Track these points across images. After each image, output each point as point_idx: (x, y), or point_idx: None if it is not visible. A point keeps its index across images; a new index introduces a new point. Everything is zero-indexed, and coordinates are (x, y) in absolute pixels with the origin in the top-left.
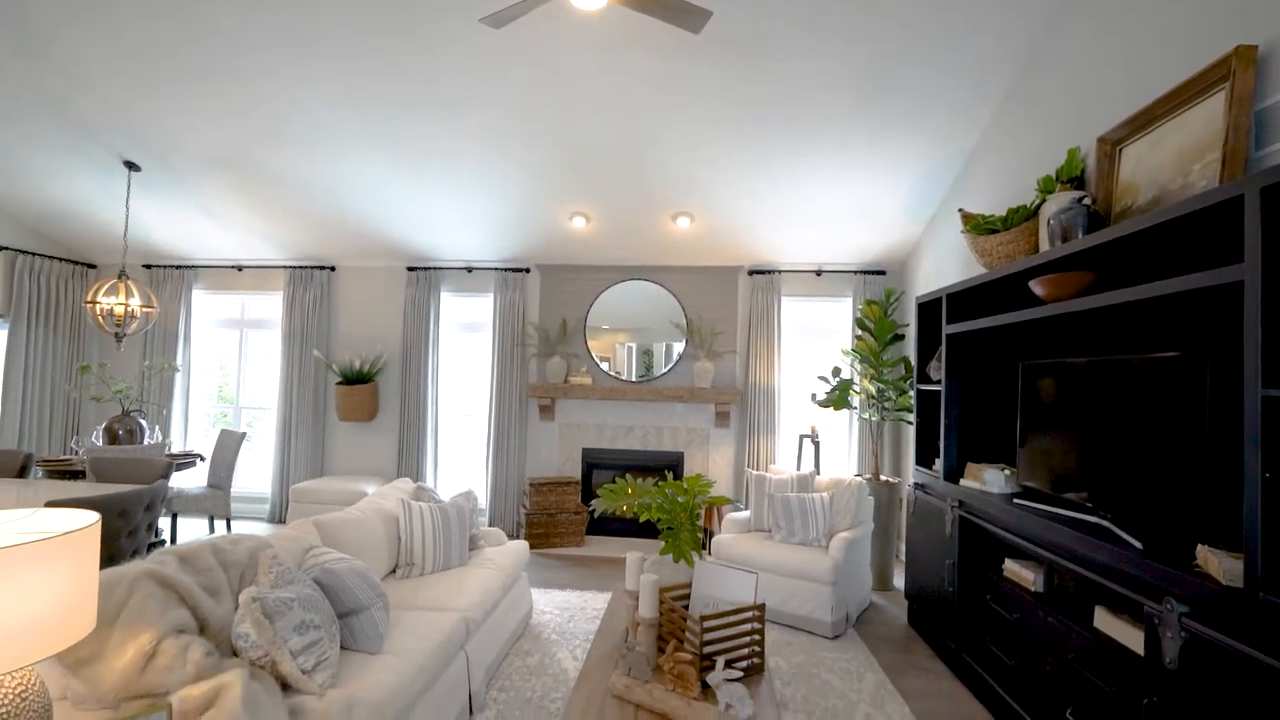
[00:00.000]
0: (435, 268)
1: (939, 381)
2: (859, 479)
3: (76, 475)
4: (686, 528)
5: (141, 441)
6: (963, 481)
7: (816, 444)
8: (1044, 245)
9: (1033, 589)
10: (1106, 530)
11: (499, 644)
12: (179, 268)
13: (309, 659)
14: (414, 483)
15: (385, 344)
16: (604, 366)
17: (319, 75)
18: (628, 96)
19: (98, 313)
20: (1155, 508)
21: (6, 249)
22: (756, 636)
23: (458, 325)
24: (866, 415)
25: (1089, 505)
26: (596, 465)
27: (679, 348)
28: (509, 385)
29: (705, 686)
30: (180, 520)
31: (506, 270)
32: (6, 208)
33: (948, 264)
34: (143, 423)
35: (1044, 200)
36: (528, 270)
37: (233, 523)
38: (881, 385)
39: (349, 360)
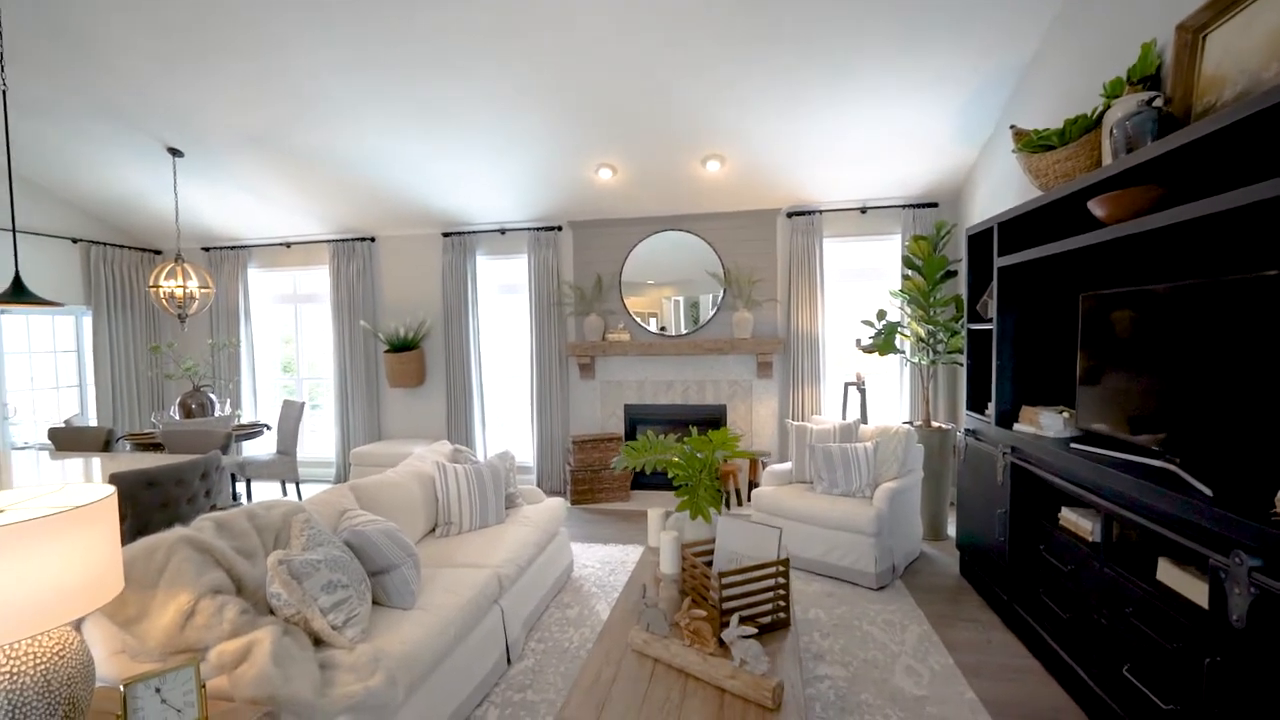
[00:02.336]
0: (469, 232)
1: (990, 320)
2: (906, 427)
3: (158, 447)
4: (705, 484)
5: (212, 414)
6: (1016, 426)
7: (862, 391)
8: (1107, 159)
9: (1090, 539)
10: (1173, 476)
11: (537, 597)
12: (233, 248)
13: (338, 615)
14: (451, 445)
15: (427, 310)
16: (641, 322)
17: (337, 47)
18: (645, 37)
19: (161, 296)
20: (1232, 451)
21: (80, 240)
22: (781, 592)
23: (496, 288)
24: (916, 359)
25: (1155, 449)
26: (641, 421)
27: (717, 298)
28: (548, 345)
29: (723, 643)
30: (254, 485)
31: (538, 229)
32: (75, 201)
33: (1006, 191)
34: (212, 397)
35: (1108, 107)
36: (559, 228)
37: (301, 486)
38: (932, 327)
39: (394, 328)
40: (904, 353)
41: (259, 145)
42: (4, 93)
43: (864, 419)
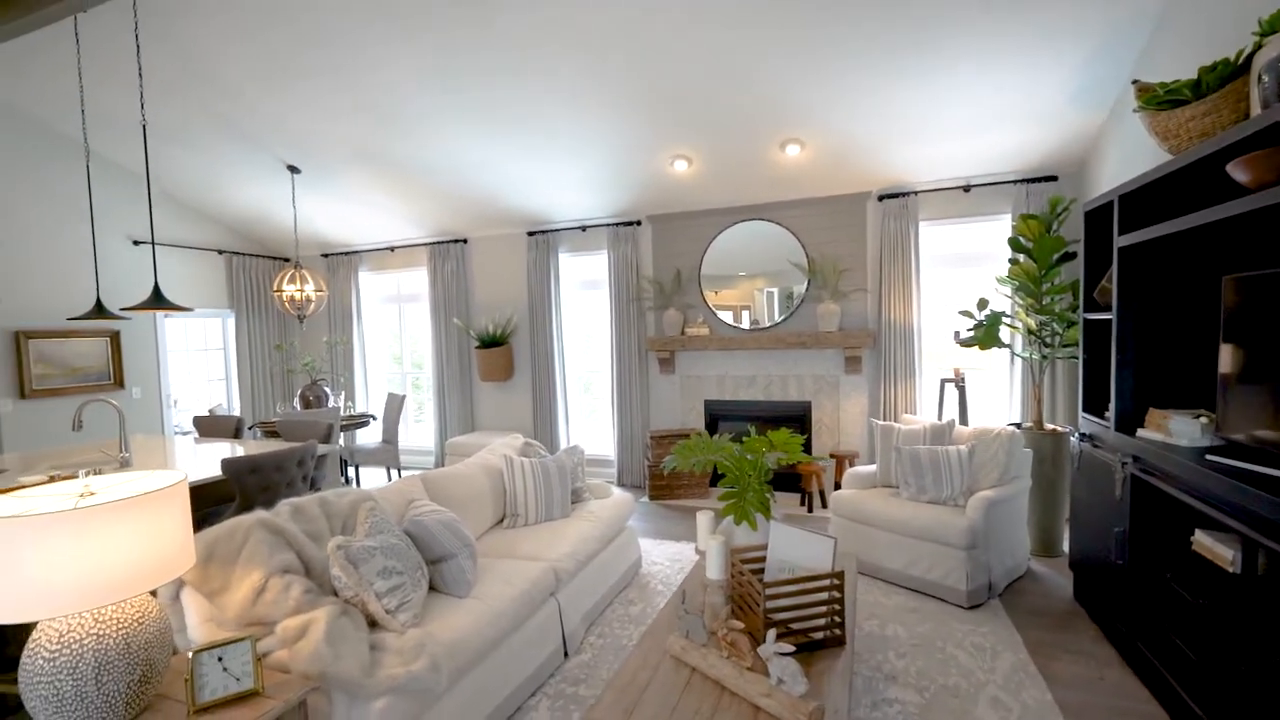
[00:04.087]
0: (552, 230)
1: (1109, 308)
2: (1011, 429)
3: (278, 435)
4: (754, 487)
5: (326, 406)
6: (1140, 432)
7: (961, 389)
8: (1255, 110)
9: (1230, 569)
10: None
11: (600, 592)
12: (346, 254)
13: (393, 600)
14: (522, 439)
15: (514, 307)
16: (721, 315)
17: (419, 59)
18: (716, 21)
19: (284, 299)
20: None
21: (224, 251)
22: (836, 606)
23: (577, 284)
24: (1026, 354)
25: None
26: (721, 417)
27: (800, 290)
28: (627, 340)
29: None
30: (362, 471)
31: (617, 225)
32: (218, 217)
33: (1140, 159)
34: (327, 390)
35: (1259, 47)
36: (639, 223)
37: (403, 473)
38: (1044, 317)
39: (484, 325)
40: (1009, 346)
41: (361, 158)
42: (144, 126)
43: (963, 419)
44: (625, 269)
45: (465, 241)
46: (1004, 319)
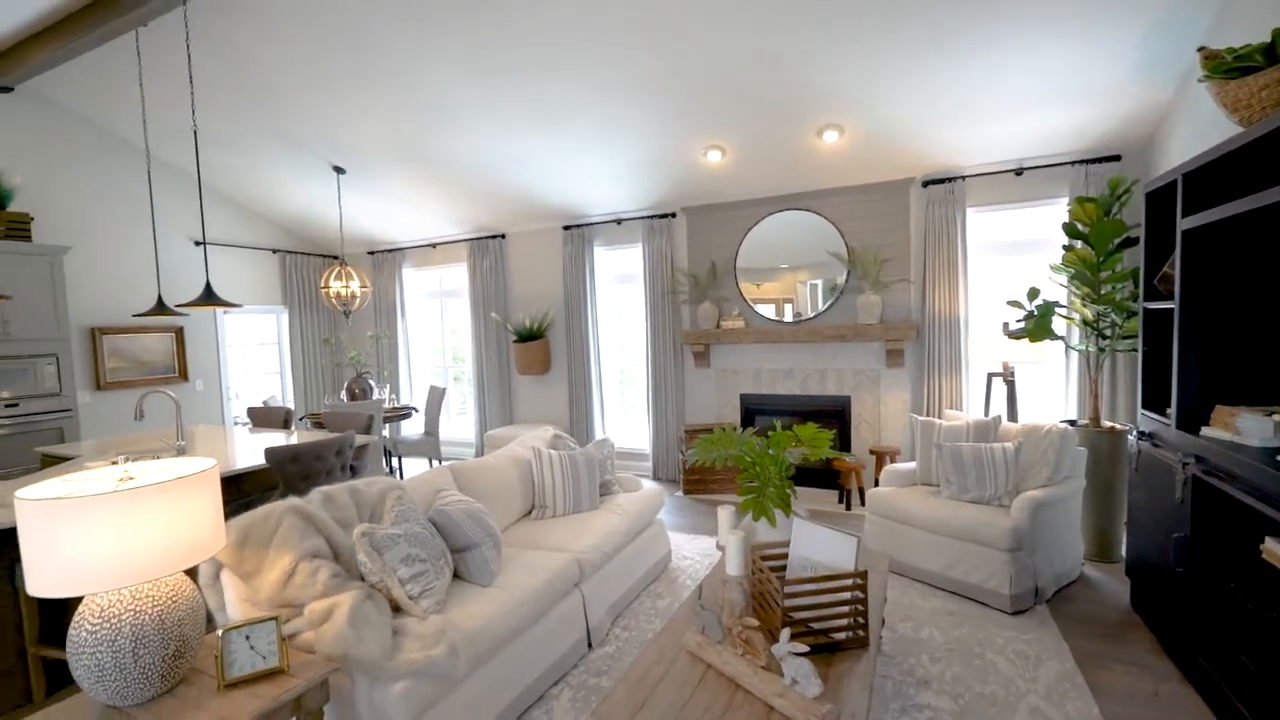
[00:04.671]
0: (587, 224)
1: (1171, 296)
2: (1063, 426)
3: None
4: (775, 483)
5: (371, 398)
6: (1205, 430)
7: (1010, 383)
8: None
9: None
10: None
11: (626, 585)
12: (390, 251)
13: (415, 586)
14: (552, 431)
15: (550, 302)
16: (757, 308)
17: (450, 57)
18: (743, 4)
19: (331, 296)
20: None
21: (278, 250)
22: (859, 607)
23: (613, 278)
24: (1082, 346)
25: None
26: (757, 411)
27: (839, 281)
28: (662, 333)
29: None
30: (405, 461)
31: (652, 218)
32: (271, 218)
33: (1215, 134)
34: (371, 383)
35: None
36: (674, 215)
37: (444, 464)
38: (1103, 306)
39: (521, 319)
40: (1063, 339)
41: (402, 157)
42: (195, 132)
43: (1012, 415)
44: (660, 262)
45: (503, 237)
46: (1057, 309)
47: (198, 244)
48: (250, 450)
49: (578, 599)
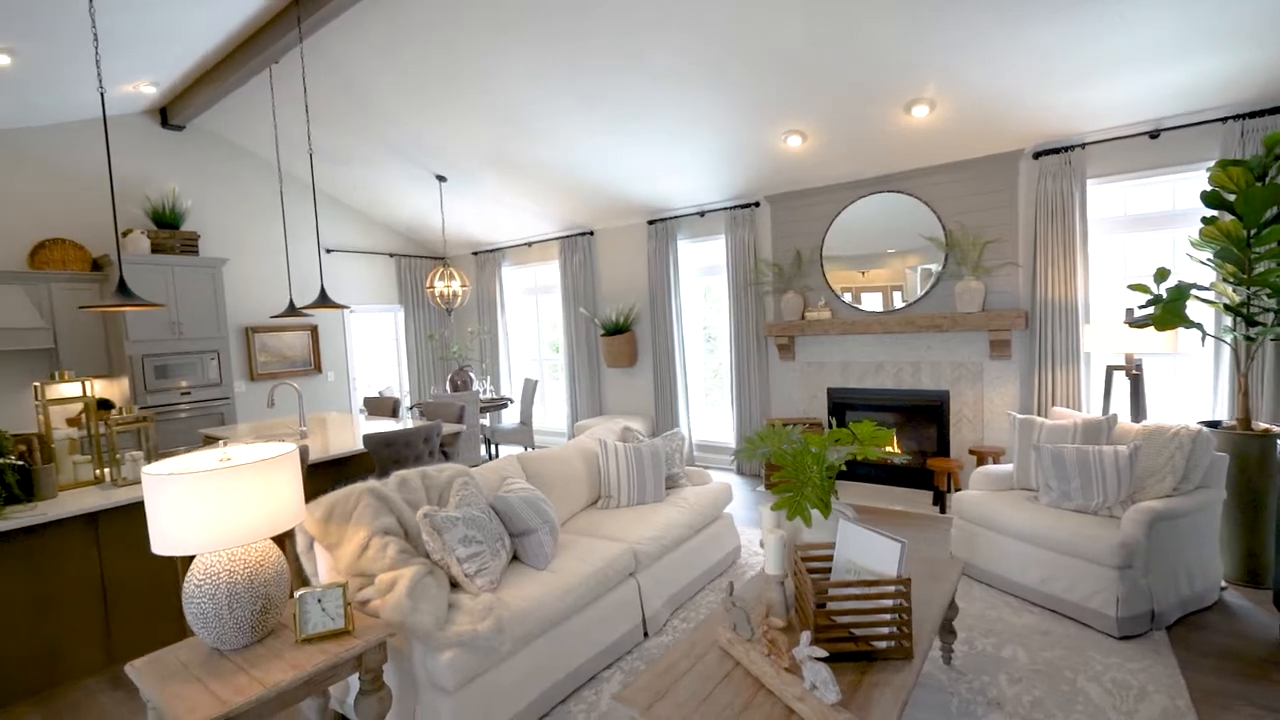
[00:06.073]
0: (671, 217)
1: None
2: (1195, 428)
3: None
4: (814, 482)
5: (470, 389)
6: None
7: (1135, 378)
8: None
9: None
10: None
11: (689, 577)
12: (491, 251)
13: (472, 565)
14: (623, 424)
15: (636, 296)
16: (844, 298)
17: (533, 66)
18: None
19: (434, 295)
20: None
21: (395, 255)
22: (903, 615)
23: (696, 270)
24: (1229, 335)
25: None
26: (847, 406)
27: (935, 267)
28: (745, 325)
29: None
30: (501, 449)
31: (735, 208)
32: (387, 225)
33: None
34: (472, 375)
35: None
36: (757, 204)
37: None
38: (1251, 289)
39: (608, 313)
40: (1198, 325)
41: (494, 162)
42: (311, 154)
43: (1136, 414)
44: (743, 253)
45: (592, 234)
46: (1195, 293)
47: (329, 251)
48: (360, 436)
49: (633, 588)
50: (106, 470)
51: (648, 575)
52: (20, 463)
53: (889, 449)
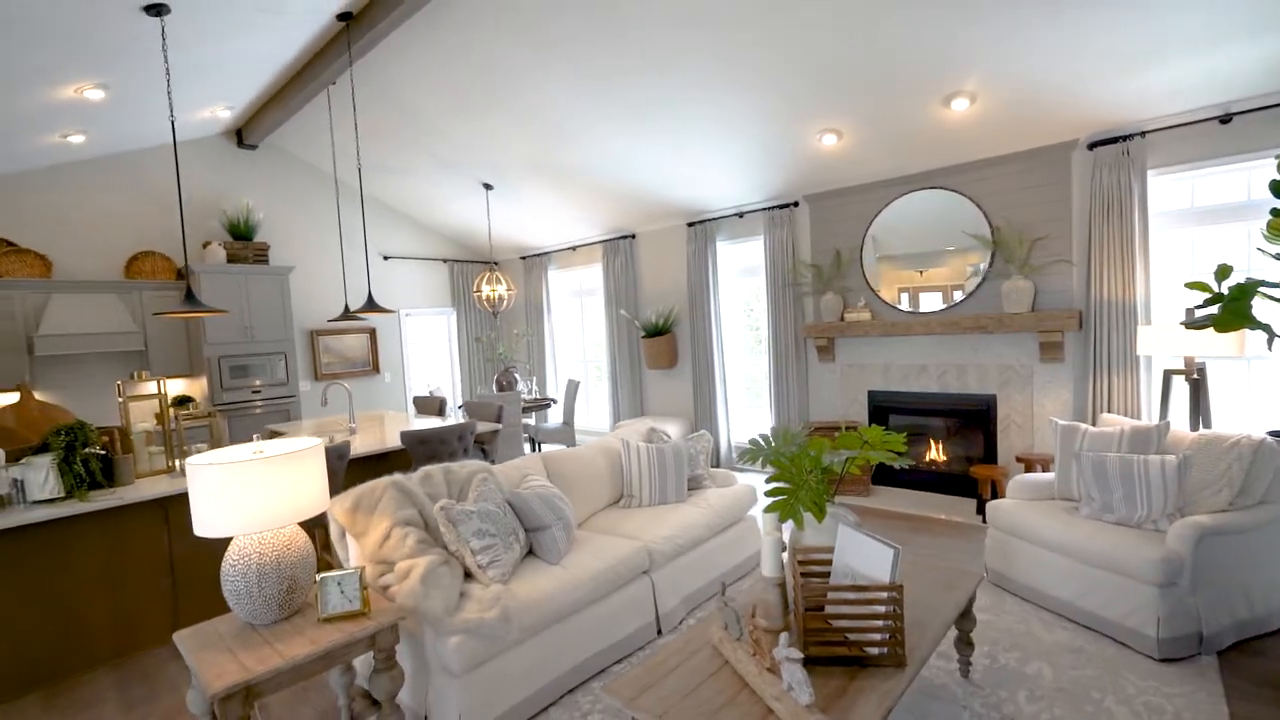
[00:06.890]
0: (710, 219)
1: None
2: (1259, 438)
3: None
4: (810, 485)
5: (515, 390)
6: None
7: (1196, 383)
8: None
9: None
10: None
11: (708, 577)
12: (538, 255)
13: (484, 557)
14: (648, 424)
15: (676, 298)
16: (885, 298)
17: (571, 76)
18: None
19: (481, 299)
20: None
21: (448, 260)
22: (895, 623)
23: (735, 271)
24: None
25: None
26: (890, 409)
27: (980, 266)
28: (784, 327)
29: None
30: (544, 448)
31: (773, 208)
32: (440, 232)
33: None
34: (517, 375)
35: None
36: (795, 204)
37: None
38: None
39: (649, 315)
40: (1265, 326)
41: (538, 170)
42: (359, 169)
43: (1201, 422)
44: (781, 253)
45: (633, 237)
46: (1264, 290)
47: (386, 258)
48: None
49: (647, 585)
50: (176, 461)
51: (662, 574)
52: (103, 452)
53: (892, 454)
